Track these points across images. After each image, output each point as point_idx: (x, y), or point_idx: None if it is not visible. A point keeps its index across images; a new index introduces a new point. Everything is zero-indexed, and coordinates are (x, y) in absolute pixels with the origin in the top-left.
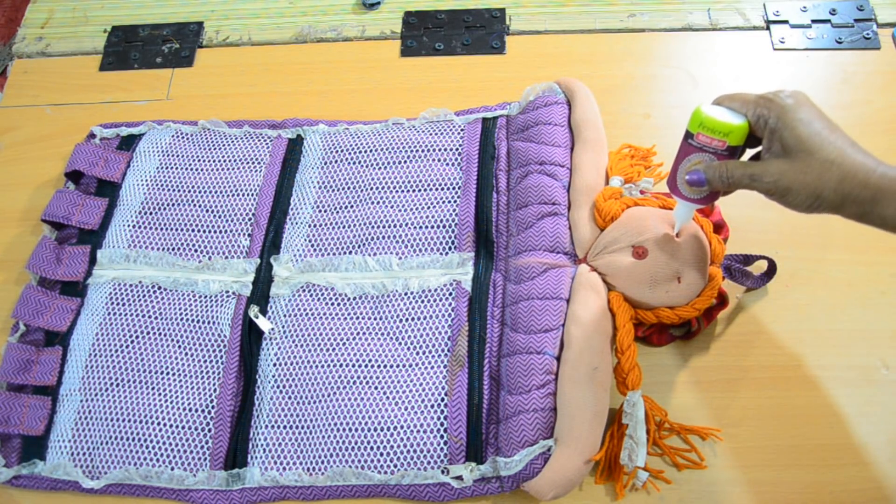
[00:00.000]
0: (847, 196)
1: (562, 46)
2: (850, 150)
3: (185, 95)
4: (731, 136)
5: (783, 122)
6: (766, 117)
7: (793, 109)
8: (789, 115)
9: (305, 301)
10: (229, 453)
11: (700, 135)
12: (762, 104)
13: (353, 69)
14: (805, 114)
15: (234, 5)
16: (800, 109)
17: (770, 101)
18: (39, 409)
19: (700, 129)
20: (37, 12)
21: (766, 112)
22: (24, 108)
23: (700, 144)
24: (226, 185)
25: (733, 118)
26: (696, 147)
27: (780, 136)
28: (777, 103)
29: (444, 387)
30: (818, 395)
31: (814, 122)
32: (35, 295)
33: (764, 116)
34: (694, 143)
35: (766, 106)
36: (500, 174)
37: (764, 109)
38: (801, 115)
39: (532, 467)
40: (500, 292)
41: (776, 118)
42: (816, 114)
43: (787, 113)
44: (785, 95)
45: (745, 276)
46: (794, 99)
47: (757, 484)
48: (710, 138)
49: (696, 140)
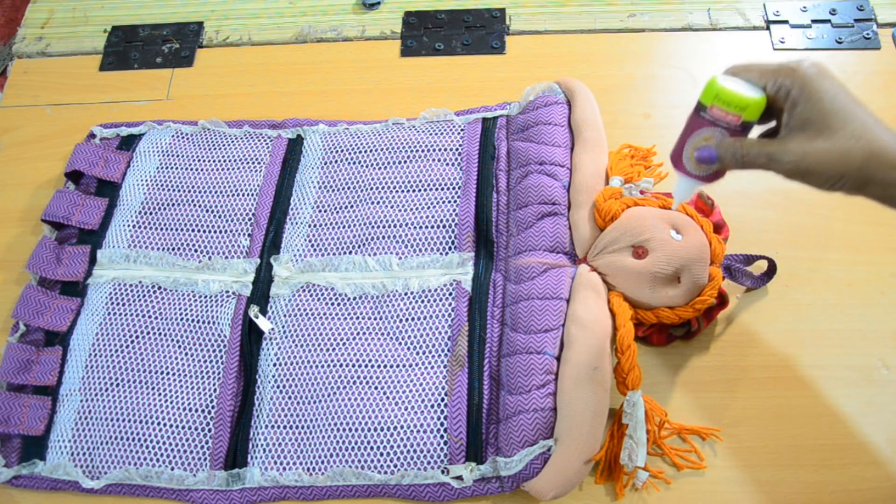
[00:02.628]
0: (872, 176)
1: (562, 46)
2: (877, 128)
3: (185, 95)
4: (748, 110)
5: (806, 94)
6: (787, 87)
7: (817, 79)
8: (813, 85)
9: (305, 301)
10: (229, 453)
11: (714, 108)
12: (784, 73)
13: (353, 69)
14: (829, 85)
15: (234, 5)
16: (824, 80)
17: (792, 70)
18: (39, 409)
19: (715, 102)
20: (37, 12)
21: (789, 82)
22: (24, 108)
23: (713, 118)
24: (226, 185)
25: (751, 91)
26: (708, 121)
27: (801, 108)
28: (800, 73)
29: (444, 387)
30: (818, 395)
31: (838, 95)
32: (35, 295)
33: (786, 87)
34: (706, 116)
35: (788, 76)
36: (500, 174)
37: (786, 80)
38: (825, 86)
39: (532, 467)
40: (500, 292)
41: (799, 88)
42: (839, 86)
43: (810, 83)
44: (808, 65)
45: (745, 276)
46: (818, 69)
47: (757, 484)
48: (725, 112)
49: (708, 113)
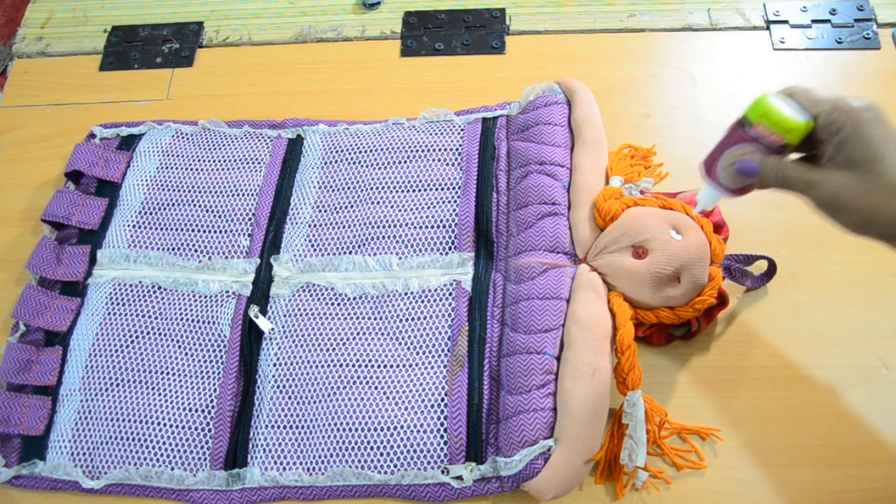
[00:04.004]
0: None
1: (562, 46)
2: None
3: (185, 95)
4: (791, 134)
5: (857, 136)
6: (839, 125)
7: (870, 124)
8: (866, 129)
9: (305, 301)
10: (229, 453)
11: (760, 125)
12: (840, 110)
13: (353, 69)
14: (881, 132)
15: (234, 5)
16: (877, 126)
17: (848, 109)
18: (39, 409)
19: (762, 120)
20: (37, 12)
21: (843, 119)
22: (24, 108)
23: (756, 135)
24: (226, 185)
25: (798, 115)
26: (750, 137)
27: (849, 148)
28: (855, 114)
29: (444, 387)
30: (818, 395)
31: (889, 142)
32: (35, 295)
33: (838, 123)
34: (749, 132)
35: (844, 112)
36: (500, 174)
37: (840, 115)
38: (877, 132)
39: (532, 467)
40: (500, 292)
41: (851, 129)
42: (892, 134)
43: (863, 126)
44: (864, 108)
45: (745, 276)
46: (874, 113)
47: (757, 484)
48: (770, 131)
49: (753, 130)
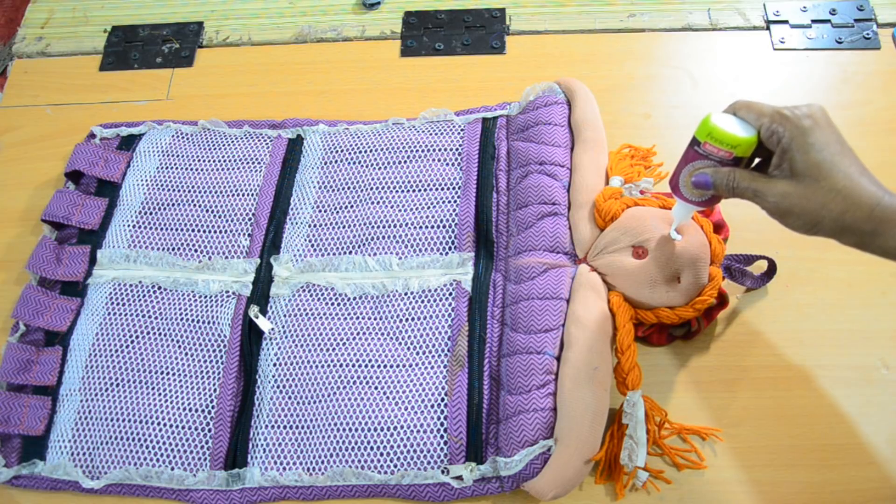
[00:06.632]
0: (847, 227)
1: (562, 46)
2: (858, 180)
3: (185, 95)
4: (739, 148)
5: (796, 144)
6: (780, 135)
7: (808, 132)
8: (804, 137)
9: (305, 301)
10: (229, 453)
11: (707, 144)
12: (777, 120)
13: (353, 69)
14: (820, 137)
15: (234, 5)
16: (815, 132)
17: (787, 119)
18: (39, 409)
19: (707, 139)
20: (37, 12)
21: (781, 130)
22: (24, 108)
23: (706, 153)
24: (226, 185)
25: (742, 130)
26: (702, 154)
27: (790, 157)
28: (793, 123)
29: (444, 387)
30: (818, 395)
31: (827, 147)
32: (35, 295)
33: (778, 134)
34: (700, 150)
35: (781, 123)
36: (500, 174)
37: (779, 127)
38: (815, 138)
39: (532, 467)
40: (500, 292)
41: (790, 139)
42: (832, 137)
43: (801, 135)
44: (803, 115)
45: (745, 276)
46: (812, 120)
47: (757, 484)
48: (717, 148)
49: (702, 148)
